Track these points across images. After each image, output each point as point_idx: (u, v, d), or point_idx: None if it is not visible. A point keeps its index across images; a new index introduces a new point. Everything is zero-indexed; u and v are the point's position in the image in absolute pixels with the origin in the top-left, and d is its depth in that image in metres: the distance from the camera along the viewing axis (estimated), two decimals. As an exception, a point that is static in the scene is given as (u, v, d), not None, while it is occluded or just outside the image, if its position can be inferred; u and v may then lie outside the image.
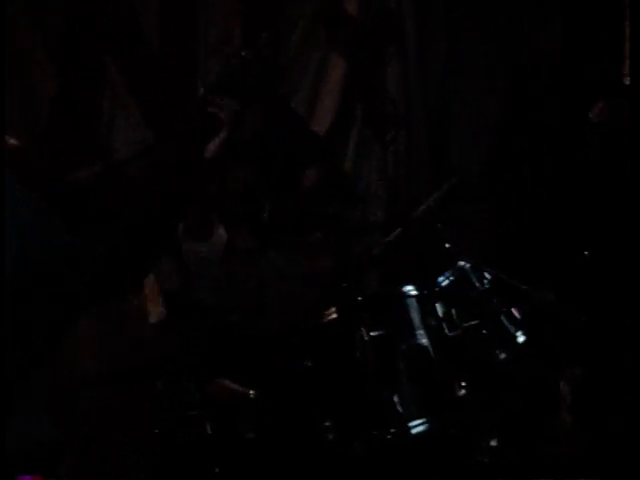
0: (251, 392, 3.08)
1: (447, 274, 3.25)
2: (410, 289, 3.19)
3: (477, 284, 3.21)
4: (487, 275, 3.22)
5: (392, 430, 3.02)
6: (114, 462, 3.13)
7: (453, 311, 3.18)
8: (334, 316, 3.09)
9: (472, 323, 3.16)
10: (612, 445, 3.13)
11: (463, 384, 3.08)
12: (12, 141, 3.35)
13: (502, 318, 3.18)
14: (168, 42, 4.07)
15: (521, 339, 3.16)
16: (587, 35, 4.61)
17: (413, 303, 3.16)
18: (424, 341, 3.12)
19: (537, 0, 4.57)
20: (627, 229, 3.94)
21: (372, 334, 3.06)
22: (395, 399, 3.03)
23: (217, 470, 2.99)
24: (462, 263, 3.24)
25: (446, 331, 3.16)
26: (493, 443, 3.09)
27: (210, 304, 3.40)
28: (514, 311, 3.19)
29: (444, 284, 3.23)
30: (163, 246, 3.25)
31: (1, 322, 2.89)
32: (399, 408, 3.02)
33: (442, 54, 4.60)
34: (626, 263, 3.86)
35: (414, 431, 3.02)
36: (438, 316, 3.18)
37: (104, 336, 3.35)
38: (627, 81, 4.50)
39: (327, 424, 3.03)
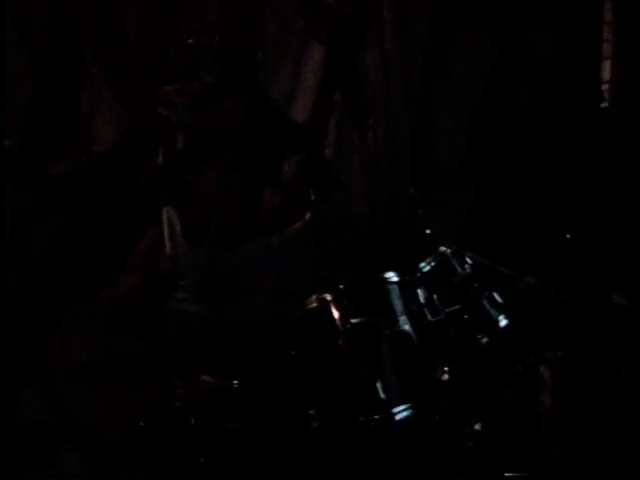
0: (234, 383, 3.07)
1: (428, 260, 3.25)
2: (391, 275, 3.19)
3: (458, 269, 3.21)
4: (468, 260, 3.23)
5: (376, 416, 3.02)
6: (104, 453, 3.12)
7: (435, 296, 3.18)
8: (315, 305, 3.09)
9: (454, 308, 3.17)
10: (594, 430, 3.14)
11: (446, 369, 3.09)
12: None
13: (484, 302, 3.18)
14: (147, 36, 4.07)
15: (503, 323, 3.17)
16: (570, 28, 4.62)
17: (395, 289, 3.17)
18: (406, 327, 3.12)
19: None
20: (607, 211, 3.96)
21: (354, 321, 3.06)
22: (378, 386, 3.03)
23: (202, 461, 2.99)
24: (443, 248, 3.25)
25: (428, 317, 3.17)
26: (477, 427, 3.10)
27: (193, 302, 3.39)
28: (496, 295, 3.19)
29: (425, 270, 3.23)
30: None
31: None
32: (383, 394, 3.03)
33: (422, 42, 4.59)
34: (607, 245, 3.88)
35: (398, 417, 3.02)
36: (420, 302, 3.18)
37: (89, 327, 3.35)
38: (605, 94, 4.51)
39: (311, 412, 3.03)
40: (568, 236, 3.90)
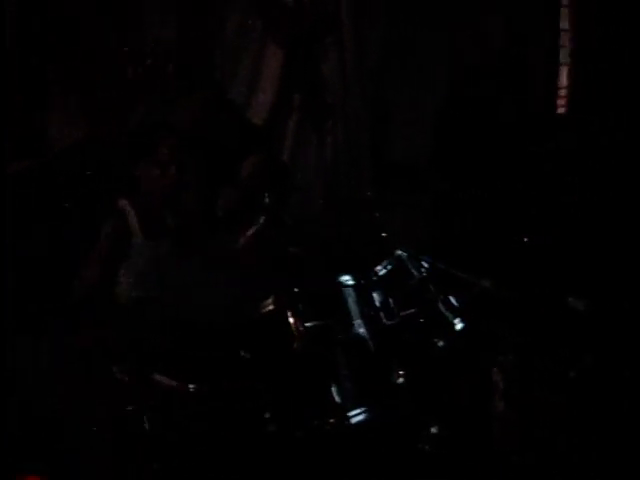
0: (190, 386, 3.05)
1: (384, 263, 3.25)
2: (347, 279, 3.19)
3: (414, 273, 3.22)
4: (424, 264, 3.23)
5: (331, 420, 3.02)
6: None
7: (391, 300, 3.18)
8: (271, 308, 3.08)
9: (410, 312, 3.17)
10: (546, 430, 3.16)
11: (401, 372, 3.09)
12: None
13: (440, 306, 3.19)
14: (104, 39, 4.04)
15: (459, 326, 3.18)
16: (528, 25, 4.66)
17: (350, 293, 3.16)
18: (362, 331, 3.12)
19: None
20: (565, 215, 3.99)
21: (309, 325, 3.05)
22: (333, 389, 3.03)
23: (155, 466, 2.97)
24: (399, 252, 3.25)
25: (384, 320, 3.17)
26: (434, 430, 3.10)
27: (151, 300, 3.36)
28: (451, 299, 3.20)
29: (381, 273, 3.23)
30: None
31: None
32: (338, 398, 3.02)
33: (380, 44, 4.60)
34: (564, 248, 3.91)
35: (354, 420, 3.02)
36: (376, 305, 3.18)
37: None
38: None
39: (266, 415, 3.02)
40: (525, 239, 3.92)
